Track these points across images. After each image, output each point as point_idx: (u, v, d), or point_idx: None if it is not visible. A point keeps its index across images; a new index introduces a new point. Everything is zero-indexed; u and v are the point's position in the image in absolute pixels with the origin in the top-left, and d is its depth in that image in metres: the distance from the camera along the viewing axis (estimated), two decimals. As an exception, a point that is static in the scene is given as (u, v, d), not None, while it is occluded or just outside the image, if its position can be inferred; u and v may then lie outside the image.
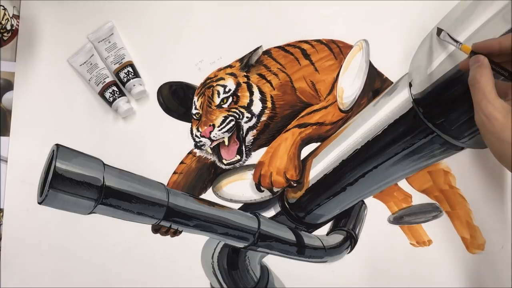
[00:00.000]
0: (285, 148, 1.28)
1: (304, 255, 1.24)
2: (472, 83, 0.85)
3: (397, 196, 1.32)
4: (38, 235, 1.33)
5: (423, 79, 0.95)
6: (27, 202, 1.32)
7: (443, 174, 1.30)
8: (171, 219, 0.99)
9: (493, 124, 0.82)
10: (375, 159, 1.10)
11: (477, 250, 1.32)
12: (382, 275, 1.33)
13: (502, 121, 0.81)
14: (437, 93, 0.91)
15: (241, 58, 1.35)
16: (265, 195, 1.32)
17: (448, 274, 1.33)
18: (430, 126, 0.95)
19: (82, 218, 0.96)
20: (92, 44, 1.37)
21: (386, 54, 1.33)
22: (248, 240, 1.13)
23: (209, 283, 1.33)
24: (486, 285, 1.32)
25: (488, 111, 0.83)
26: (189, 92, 1.36)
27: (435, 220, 1.32)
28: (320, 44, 1.35)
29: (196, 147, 1.34)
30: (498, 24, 0.83)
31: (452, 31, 0.91)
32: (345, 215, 1.33)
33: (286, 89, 1.31)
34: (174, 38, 1.39)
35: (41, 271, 1.33)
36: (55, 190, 0.81)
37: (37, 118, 1.36)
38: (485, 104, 0.83)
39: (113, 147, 1.35)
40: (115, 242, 1.33)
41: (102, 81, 1.33)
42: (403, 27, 1.34)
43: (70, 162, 0.83)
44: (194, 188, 1.35)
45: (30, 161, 1.33)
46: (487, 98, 0.83)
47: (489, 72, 0.85)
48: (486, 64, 0.85)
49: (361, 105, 1.30)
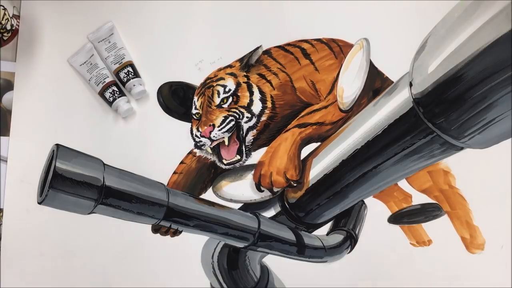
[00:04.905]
0: (285, 148, 1.28)
1: (304, 255, 1.24)
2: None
3: (397, 196, 1.32)
4: (38, 235, 1.34)
5: (423, 78, 0.94)
6: (27, 202, 1.32)
7: (443, 174, 1.30)
8: (171, 219, 0.99)
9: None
10: (375, 159, 1.10)
11: (477, 250, 1.32)
12: (382, 275, 1.33)
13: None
14: (438, 93, 0.91)
15: (241, 58, 1.35)
16: (265, 195, 1.32)
17: (448, 274, 1.33)
18: (430, 126, 0.95)
19: (82, 218, 0.95)
20: (92, 44, 1.38)
21: (387, 53, 1.33)
22: (248, 240, 1.13)
23: (209, 283, 1.33)
24: (486, 285, 1.32)
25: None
26: (189, 92, 1.36)
27: (435, 220, 1.32)
28: (320, 43, 1.35)
29: (196, 147, 1.34)
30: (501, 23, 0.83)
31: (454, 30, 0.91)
32: (345, 215, 1.33)
33: (286, 88, 1.31)
34: (174, 38, 1.39)
35: (41, 271, 1.33)
36: (55, 190, 0.80)
37: (37, 118, 1.36)
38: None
39: (113, 147, 1.35)
40: (115, 242, 1.34)
41: (102, 81, 1.33)
42: (404, 26, 1.34)
43: (70, 162, 0.83)
44: (194, 188, 1.35)
45: (30, 161, 1.33)
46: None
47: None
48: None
49: (361, 104, 1.30)
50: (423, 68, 0.95)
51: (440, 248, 1.33)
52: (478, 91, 0.85)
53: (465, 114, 0.89)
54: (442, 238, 1.32)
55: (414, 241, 1.33)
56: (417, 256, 1.33)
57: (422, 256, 1.33)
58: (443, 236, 1.32)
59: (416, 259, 1.33)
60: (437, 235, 1.33)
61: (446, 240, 1.32)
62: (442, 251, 1.32)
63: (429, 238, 1.33)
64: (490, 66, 0.83)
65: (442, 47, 0.91)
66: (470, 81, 0.86)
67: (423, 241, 1.33)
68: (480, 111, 0.87)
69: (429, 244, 1.33)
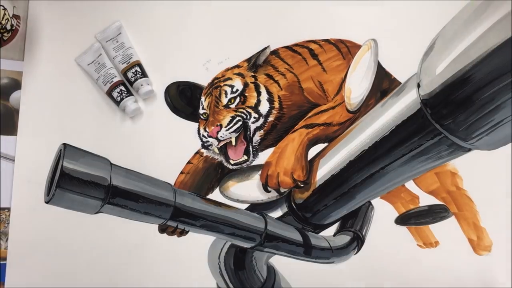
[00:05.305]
0: (292, 149, 1.28)
1: (311, 256, 1.23)
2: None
3: (405, 197, 1.32)
4: (45, 234, 1.34)
5: (431, 79, 0.94)
6: (34, 202, 1.32)
7: (450, 176, 1.30)
8: (178, 219, 0.99)
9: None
10: (383, 160, 1.10)
11: (484, 252, 1.31)
12: (389, 276, 1.33)
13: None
14: (446, 94, 0.90)
15: (248, 58, 1.35)
16: (272, 195, 1.32)
17: (455, 275, 1.32)
18: (437, 128, 0.95)
19: (88, 217, 0.95)
20: (99, 44, 1.38)
21: (394, 54, 1.33)
22: (255, 241, 1.13)
23: (215, 283, 1.33)
24: (487, 285, 1.32)
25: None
26: (196, 92, 1.36)
27: (442, 222, 1.32)
28: (328, 44, 1.35)
29: (203, 147, 1.34)
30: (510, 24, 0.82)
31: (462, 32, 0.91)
32: (352, 216, 1.33)
33: (293, 89, 1.31)
34: (182, 38, 1.40)
35: (48, 270, 1.34)
36: (62, 190, 0.80)
37: (45, 118, 1.37)
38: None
39: (120, 147, 1.35)
40: (121, 242, 1.34)
41: (109, 80, 1.33)
42: (412, 27, 1.34)
43: (77, 161, 0.83)
44: (201, 188, 1.36)
45: (37, 160, 1.33)
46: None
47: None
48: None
49: (369, 105, 1.30)
50: (431, 69, 0.95)
51: (447, 249, 1.32)
52: (486, 93, 0.85)
53: (473, 115, 0.88)
54: (449, 240, 1.32)
55: (421, 243, 1.33)
56: (424, 257, 1.33)
57: (429, 257, 1.32)
58: (450, 237, 1.32)
59: (423, 260, 1.33)
60: (444, 237, 1.32)
61: (453, 241, 1.32)
62: (449, 252, 1.32)
63: (436, 239, 1.32)
64: (498, 68, 0.83)
65: (450, 48, 0.90)
66: (478, 83, 0.86)
67: (430, 243, 1.32)
68: (488, 112, 0.86)
69: (436, 246, 1.32)
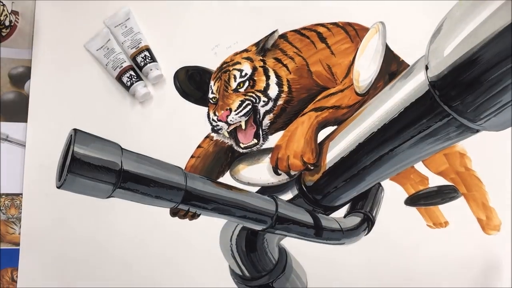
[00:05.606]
0: (302, 132, 1.28)
1: (322, 237, 1.24)
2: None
3: (414, 179, 1.33)
4: (57, 219, 1.35)
5: (439, 61, 0.94)
6: (46, 187, 1.33)
7: (459, 157, 1.30)
8: (189, 202, 0.99)
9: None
10: (392, 142, 1.10)
11: (493, 231, 1.32)
12: (398, 257, 1.33)
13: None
14: (453, 75, 0.91)
15: (257, 42, 1.35)
16: (283, 178, 1.32)
17: (465, 255, 1.33)
18: (446, 109, 0.95)
19: (100, 202, 0.97)
20: (108, 29, 1.38)
21: (402, 37, 1.32)
22: (266, 223, 1.14)
23: (227, 265, 1.34)
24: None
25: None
26: (205, 77, 1.37)
27: (452, 202, 1.32)
28: (336, 27, 1.35)
29: (213, 131, 1.34)
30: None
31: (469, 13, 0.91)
32: (362, 198, 1.34)
33: (302, 72, 1.31)
34: (190, 22, 1.40)
35: (60, 255, 1.35)
36: (73, 175, 0.81)
37: (55, 104, 1.37)
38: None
39: (130, 132, 1.36)
40: (134, 226, 1.35)
41: (119, 65, 1.34)
42: (420, 9, 1.33)
43: (88, 146, 0.84)
44: (211, 172, 1.36)
45: (48, 146, 1.34)
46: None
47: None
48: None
49: (378, 88, 1.30)
50: (439, 51, 0.95)
51: (456, 229, 1.33)
52: (494, 74, 0.85)
53: (480, 96, 0.88)
54: (458, 220, 1.33)
55: (431, 223, 1.34)
56: (434, 237, 1.33)
57: (438, 237, 1.33)
58: (460, 217, 1.33)
59: (432, 240, 1.33)
60: (454, 217, 1.33)
61: (462, 221, 1.33)
62: (458, 232, 1.33)
63: (445, 219, 1.33)
64: (506, 49, 0.83)
65: (458, 30, 0.90)
66: (485, 64, 0.86)
67: (439, 223, 1.33)
68: (496, 93, 0.86)
69: (446, 226, 1.33)
